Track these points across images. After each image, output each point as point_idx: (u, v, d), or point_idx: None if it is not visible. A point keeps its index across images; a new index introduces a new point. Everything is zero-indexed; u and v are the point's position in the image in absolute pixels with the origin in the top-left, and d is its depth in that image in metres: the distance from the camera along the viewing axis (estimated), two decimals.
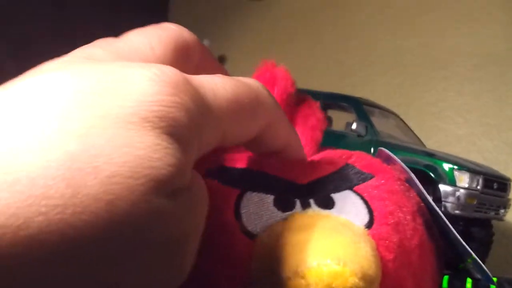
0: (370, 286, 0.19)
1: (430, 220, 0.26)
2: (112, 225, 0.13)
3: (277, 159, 0.24)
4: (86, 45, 0.19)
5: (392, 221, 0.23)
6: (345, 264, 0.18)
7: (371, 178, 0.25)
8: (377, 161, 0.27)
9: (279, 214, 0.22)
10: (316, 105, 0.29)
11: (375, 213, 0.23)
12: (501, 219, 0.48)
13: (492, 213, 0.46)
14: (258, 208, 0.22)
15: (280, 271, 0.19)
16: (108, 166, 0.13)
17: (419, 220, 0.24)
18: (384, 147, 0.27)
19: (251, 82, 0.20)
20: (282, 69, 0.28)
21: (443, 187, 0.43)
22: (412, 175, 0.26)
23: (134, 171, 0.14)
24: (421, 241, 0.24)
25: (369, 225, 0.22)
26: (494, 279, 0.38)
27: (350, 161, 0.26)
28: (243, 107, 0.18)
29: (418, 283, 0.23)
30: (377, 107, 0.52)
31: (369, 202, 0.23)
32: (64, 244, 0.12)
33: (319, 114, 0.29)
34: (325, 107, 0.51)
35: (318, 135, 0.28)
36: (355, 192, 0.24)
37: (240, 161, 0.24)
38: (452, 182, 0.43)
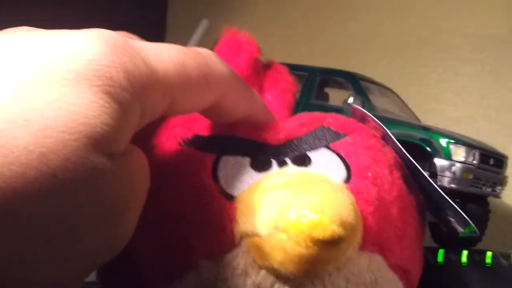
0: (350, 233, 0.18)
1: (409, 175, 0.26)
2: (45, 177, 0.13)
3: (250, 123, 0.24)
4: None
5: (369, 174, 0.23)
6: (323, 212, 0.18)
7: (345, 136, 0.25)
8: (351, 120, 0.27)
9: (257, 175, 0.22)
10: (285, 68, 0.29)
11: (352, 168, 0.23)
12: (497, 196, 0.47)
13: (489, 190, 0.46)
14: (235, 171, 0.22)
15: (261, 228, 0.19)
16: (40, 119, 0.13)
17: (397, 174, 0.24)
18: (380, 121, 0.26)
19: (201, 49, 0.20)
20: (246, 35, 0.27)
21: (439, 161, 0.43)
22: (387, 130, 0.26)
23: (67, 126, 0.13)
24: (400, 194, 0.24)
25: (347, 179, 0.22)
26: (489, 253, 0.37)
27: (324, 123, 0.26)
28: (191, 73, 0.18)
29: (401, 235, 0.23)
30: (373, 83, 0.51)
31: (346, 158, 0.23)
32: None
33: (289, 77, 0.28)
34: (321, 84, 0.51)
35: (290, 98, 0.28)
36: (330, 149, 0.24)
37: (212, 128, 0.24)
38: (448, 156, 0.42)
